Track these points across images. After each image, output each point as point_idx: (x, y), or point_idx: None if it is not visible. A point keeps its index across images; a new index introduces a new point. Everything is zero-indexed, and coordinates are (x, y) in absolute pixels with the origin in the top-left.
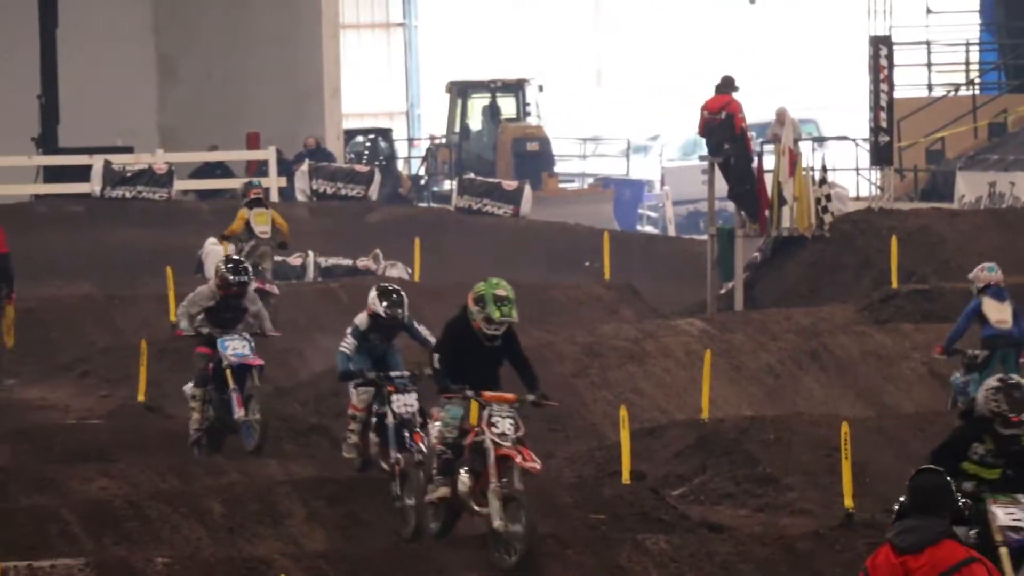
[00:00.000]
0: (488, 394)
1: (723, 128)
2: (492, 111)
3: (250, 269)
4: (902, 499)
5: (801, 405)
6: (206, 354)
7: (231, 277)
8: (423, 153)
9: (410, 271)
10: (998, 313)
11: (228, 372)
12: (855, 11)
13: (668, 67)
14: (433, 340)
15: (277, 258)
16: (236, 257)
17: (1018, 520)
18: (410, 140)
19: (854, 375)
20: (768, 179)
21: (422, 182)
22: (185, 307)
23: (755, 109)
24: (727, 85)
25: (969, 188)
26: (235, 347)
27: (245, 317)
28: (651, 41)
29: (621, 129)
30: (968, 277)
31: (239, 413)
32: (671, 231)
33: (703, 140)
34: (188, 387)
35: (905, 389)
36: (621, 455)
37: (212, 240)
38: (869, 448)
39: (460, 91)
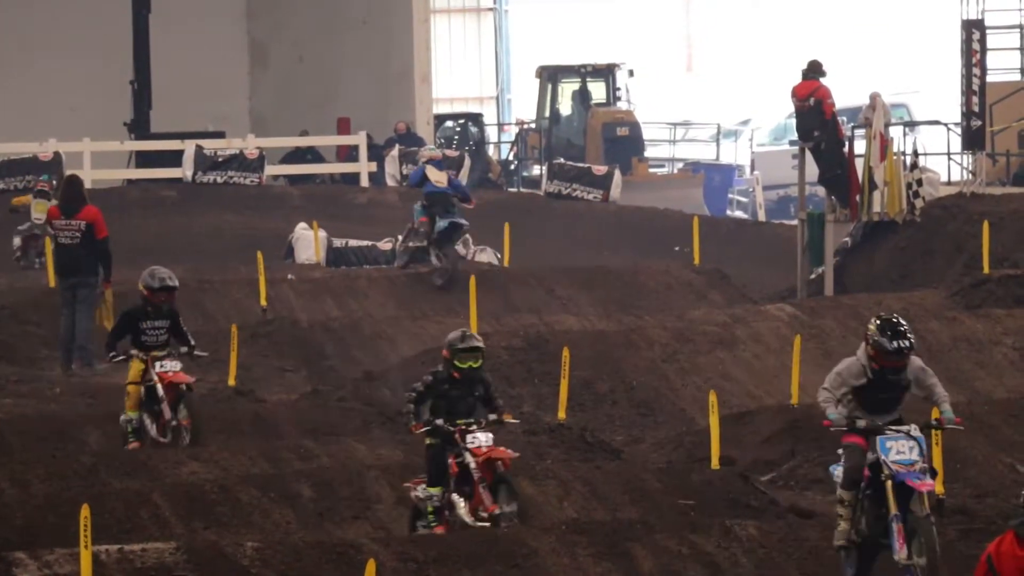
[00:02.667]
0: None
1: (813, 114)
2: (582, 96)
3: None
4: None
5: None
6: (859, 447)
7: (890, 344)
8: (513, 138)
9: (500, 256)
10: (436, 176)
11: (888, 486)
12: None
13: (759, 51)
14: None
15: (367, 242)
16: (894, 317)
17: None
18: (500, 125)
19: (945, 361)
20: (859, 164)
21: (512, 167)
22: (830, 387)
23: (846, 93)
24: (814, 70)
25: None
26: (899, 450)
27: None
28: (742, 25)
29: (711, 114)
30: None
31: (900, 554)
32: (761, 216)
33: (793, 125)
34: (838, 490)
35: (996, 375)
36: (710, 440)
37: (302, 225)
38: (959, 434)
39: (550, 76)
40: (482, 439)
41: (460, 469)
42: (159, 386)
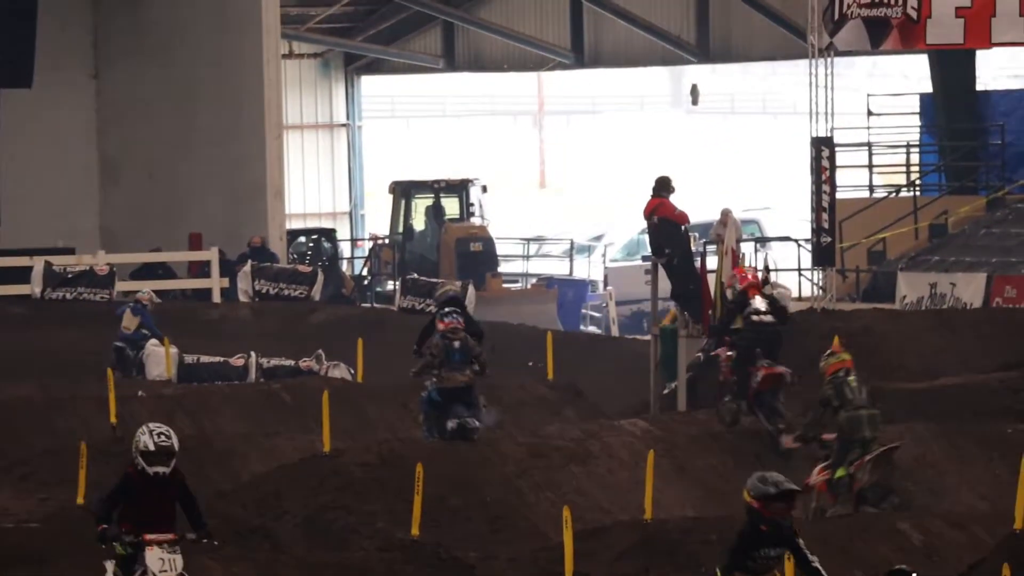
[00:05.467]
0: None
1: (660, 230)
2: (436, 211)
3: None
4: None
5: (744, 506)
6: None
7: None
8: (366, 253)
9: (353, 372)
10: (128, 321)
11: None
12: (798, 113)
13: (612, 167)
14: None
15: (219, 358)
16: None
17: None
18: (353, 240)
19: (797, 475)
20: (711, 279)
21: (365, 282)
22: None
23: (698, 210)
24: (659, 187)
25: (910, 289)
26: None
27: None
28: (594, 142)
29: (565, 229)
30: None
31: None
32: (614, 331)
33: (646, 240)
34: None
35: None
36: (564, 556)
37: (153, 341)
38: (810, 547)
39: (404, 191)
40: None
41: None
42: None
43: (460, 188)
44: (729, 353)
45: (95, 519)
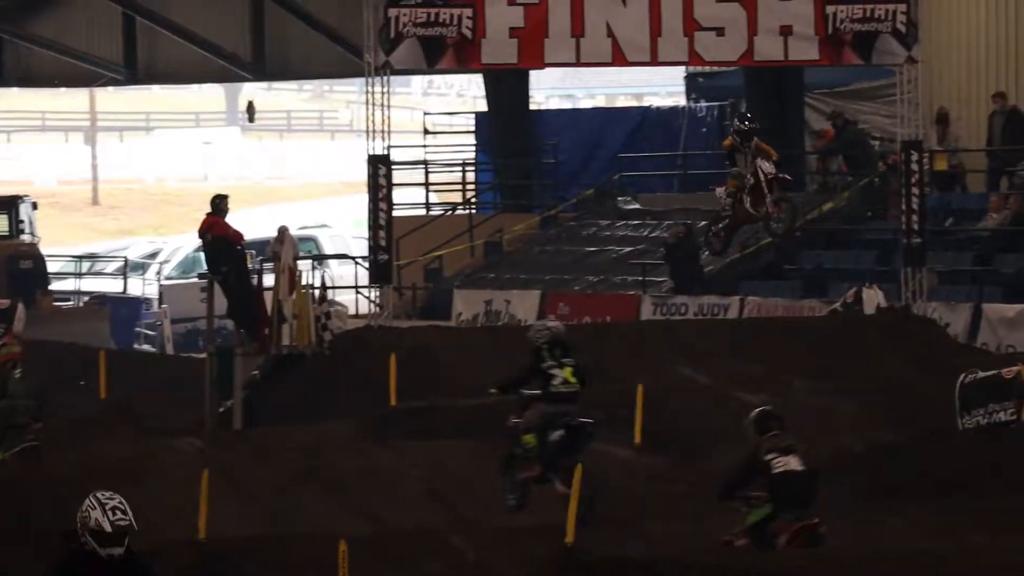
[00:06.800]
0: None
1: (214, 248)
2: None
3: None
4: None
5: (301, 524)
6: None
7: None
8: None
9: None
10: None
11: None
12: (355, 131)
13: (166, 186)
14: None
15: None
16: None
17: None
18: None
19: (353, 492)
20: (268, 297)
21: None
22: None
23: (254, 227)
24: (214, 205)
25: (466, 306)
26: None
27: None
28: (149, 160)
29: (118, 247)
30: None
31: None
32: (169, 349)
33: (202, 258)
34: None
35: (405, 507)
36: None
37: None
38: (367, 566)
39: None
40: None
41: None
42: None
43: (9, 205)
44: None
45: None
